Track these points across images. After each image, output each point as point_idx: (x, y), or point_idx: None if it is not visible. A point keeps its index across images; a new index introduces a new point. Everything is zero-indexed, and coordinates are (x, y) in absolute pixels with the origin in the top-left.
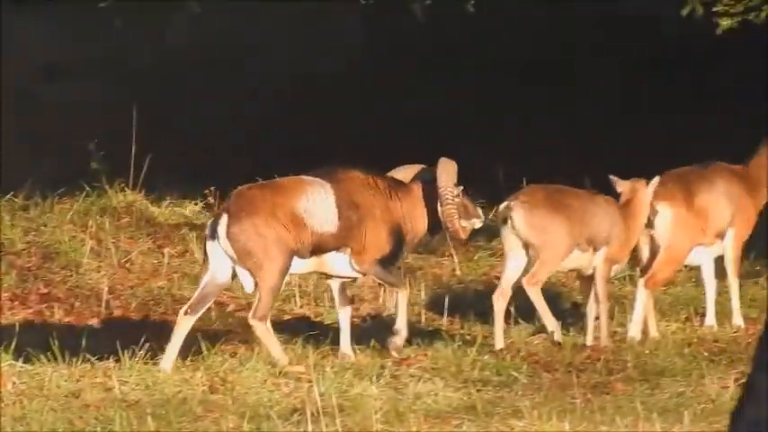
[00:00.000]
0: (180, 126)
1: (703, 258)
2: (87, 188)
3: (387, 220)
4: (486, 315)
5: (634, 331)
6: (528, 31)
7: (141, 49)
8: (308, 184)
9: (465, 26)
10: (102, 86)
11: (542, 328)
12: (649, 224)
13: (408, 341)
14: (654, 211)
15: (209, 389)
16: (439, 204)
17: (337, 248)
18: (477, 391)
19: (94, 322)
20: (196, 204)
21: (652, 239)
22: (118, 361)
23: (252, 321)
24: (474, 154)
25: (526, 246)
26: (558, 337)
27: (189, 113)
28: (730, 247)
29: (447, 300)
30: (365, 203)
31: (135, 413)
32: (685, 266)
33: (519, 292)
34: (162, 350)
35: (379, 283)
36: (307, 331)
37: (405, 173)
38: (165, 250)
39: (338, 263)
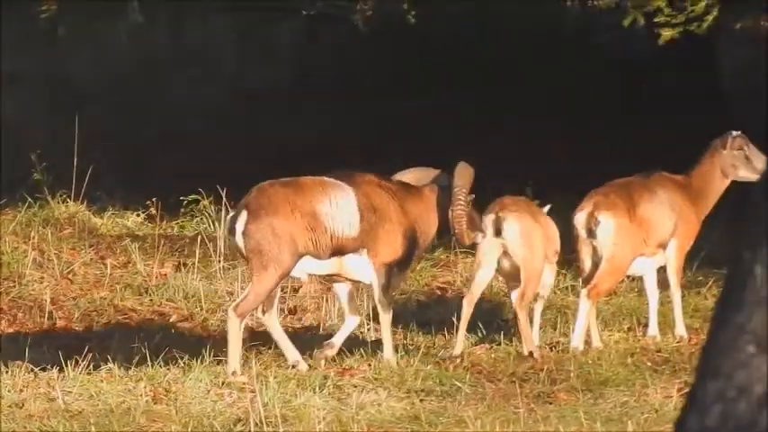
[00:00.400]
0: (122, 137)
1: (646, 268)
2: (30, 199)
3: (401, 225)
4: (428, 325)
5: (577, 341)
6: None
7: (84, 60)
8: (330, 186)
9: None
10: (44, 97)
11: (485, 338)
12: (591, 234)
13: (351, 351)
14: (596, 222)
15: (153, 399)
16: (451, 208)
17: (356, 251)
18: (421, 401)
19: (37, 333)
20: (138, 215)
21: (594, 250)
22: (61, 371)
23: (230, 313)
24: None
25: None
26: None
27: (131, 124)
28: (673, 258)
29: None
30: (382, 207)
31: (78, 423)
32: (628, 277)
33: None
34: (105, 361)
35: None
36: (249, 341)
37: (413, 175)
38: (108, 261)
39: (357, 265)
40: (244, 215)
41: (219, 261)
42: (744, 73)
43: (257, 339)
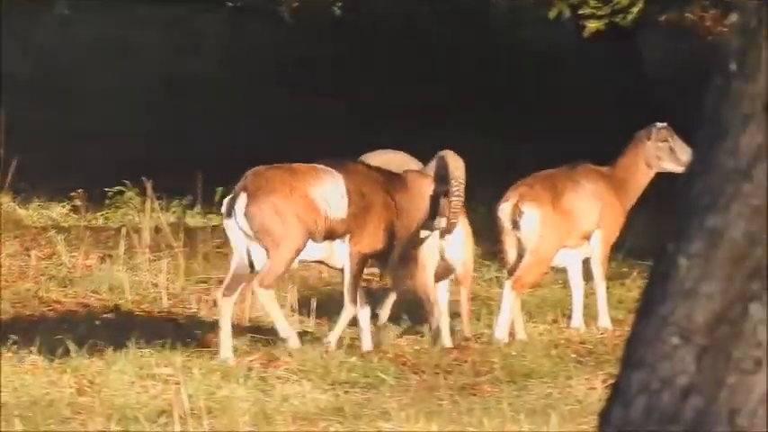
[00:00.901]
0: (47, 128)
1: (570, 260)
2: None
3: (385, 215)
4: (352, 318)
5: (501, 333)
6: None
7: (10, 51)
8: (321, 171)
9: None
10: None
11: (411, 330)
12: (515, 226)
13: (275, 343)
14: (520, 213)
15: (77, 391)
16: (449, 199)
17: (342, 237)
18: (345, 392)
19: None
20: (63, 207)
21: (518, 241)
22: None
23: (257, 288)
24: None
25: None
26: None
27: (57, 116)
28: (597, 249)
29: (314, 302)
30: (369, 195)
31: (2, 416)
32: (552, 268)
33: (382, 292)
34: (29, 353)
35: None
36: (174, 333)
37: (384, 158)
38: (33, 252)
39: (343, 252)
40: (243, 197)
41: (144, 252)
42: (668, 64)
43: (181, 331)
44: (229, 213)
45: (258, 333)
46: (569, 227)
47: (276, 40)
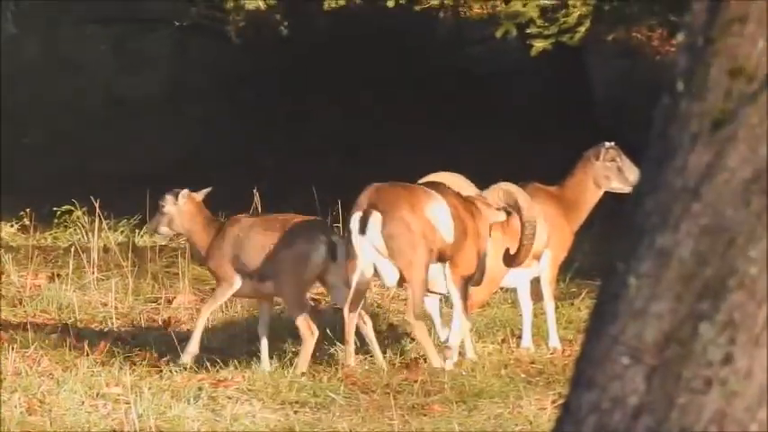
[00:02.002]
0: None
1: (519, 280)
2: None
3: (475, 239)
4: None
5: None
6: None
7: None
8: (431, 193)
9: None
10: None
11: (359, 350)
12: None
13: (225, 363)
14: None
15: (27, 410)
16: (524, 234)
17: (444, 261)
18: (295, 412)
19: None
20: (12, 226)
21: None
22: None
23: (411, 320)
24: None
25: None
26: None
27: (3, 134)
28: (546, 269)
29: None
30: (464, 219)
31: None
32: (501, 288)
33: (331, 312)
34: None
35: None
36: (124, 351)
37: (442, 180)
38: None
39: (438, 276)
40: (378, 216)
41: (93, 272)
42: (614, 84)
43: (131, 350)
44: (362, 231)
45: (208, 352)
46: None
47: (222, 58)
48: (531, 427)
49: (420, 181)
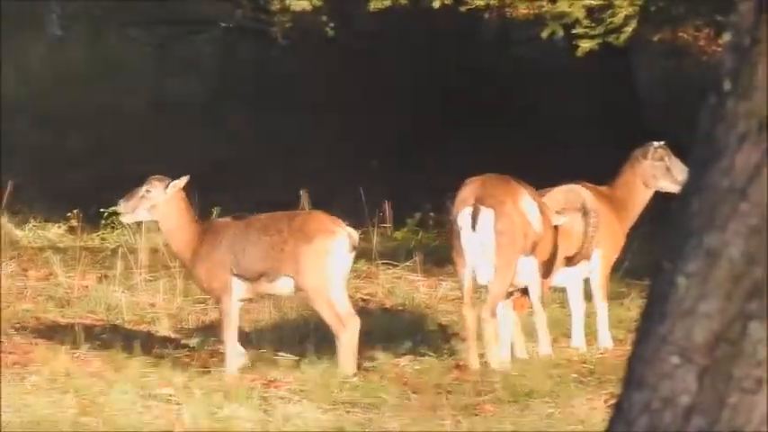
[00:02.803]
0: (43, 149)
1: (570, 280)
2: None
3: (553, 232)
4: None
5: (503, 353)
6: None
7: (3, 73)
8: (521, 186)
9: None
10: None
11: (410, 350)
12: None
13: (276, 363)
14: None
15: (80, 411)
16: (590, 229)
17: (527, 255)
18: (347, 412)
19: None
20: (60, 227)
21: None
22: None
23: (485, 317)
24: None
25: None
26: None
27: (51, 136)
28: (597, 269)
29: (313, 322)
30: (544, 211)
31: None
32: (552, 288)
33: (380, 312)
34: (30, 373)
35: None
36: (173, 353)
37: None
38: (30, 273)
39: (527, 268)
40: (489, 212)
41: (141, 273)
42: (661, 84)
43: (181, 350)
44: (474, 227)
45: (257, 349)
46: (569, 246)
47: (268, 60)
48: (582, 427)
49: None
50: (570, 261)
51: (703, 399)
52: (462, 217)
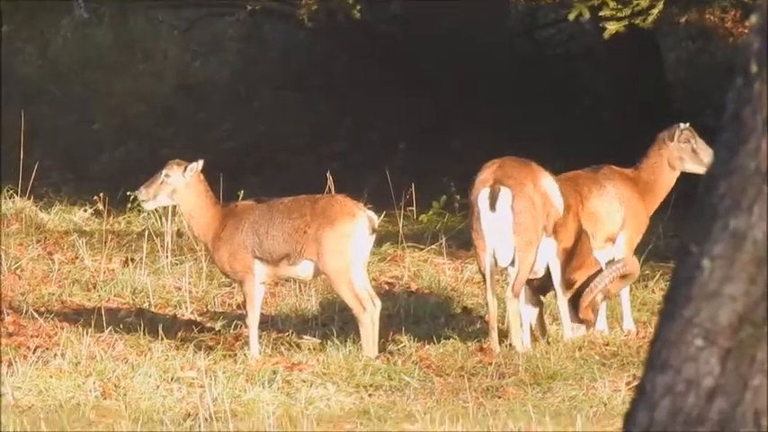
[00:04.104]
0: (68, 132)
1: None
2: None
3: (574, 214)
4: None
5: (524, 336)
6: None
7: (29, 56)
8: (541, 168)
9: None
10: None
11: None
12: None
13: (299, 347)
14: None
15: (102, 394)
16: None
17: (549, 236)
18: (370, 395)
19: None
20: (85, 211)
21: None
22: (10, 367)
23: (509, 297)
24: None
25: None
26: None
27: (77, 119)
28: (622, 251)
29: (337, 305)
30: (566, 194)
31: (28, 419)
32: None
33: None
34: (54, 356)
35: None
36: (198, 336)
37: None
38: (55, 257)
39: (548, 250)
40: (507, 192)
41: (167, 256)
42: (687, 66)
43: (204, 333)
44: (493, 207)
45: (283, 334)
46: (593, 229)
47: (294, 42)
48: (605, 409)
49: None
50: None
51: (726, 381)
52: (481, 198)
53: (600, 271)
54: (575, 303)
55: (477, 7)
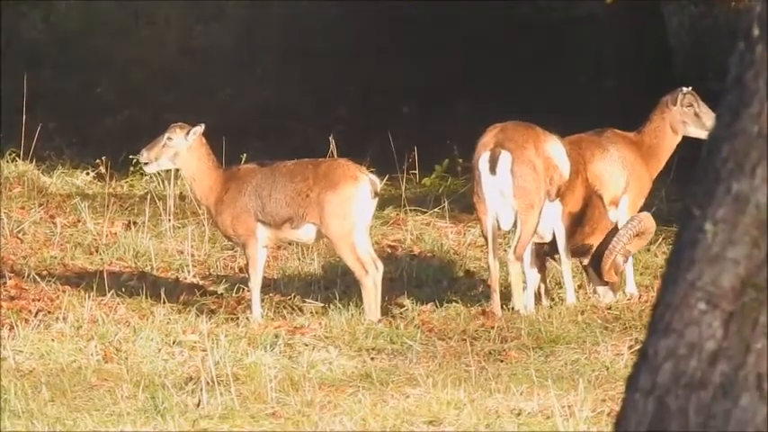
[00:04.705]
0: (71, 96)
1: None
2: None
3: (582, 178)
4: None
5: (527, 299)
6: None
7: (31, 20)
8: (547, 132)
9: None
10: None
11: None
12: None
13: (301, 310)
14: None
15: (104, 358)
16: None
17: (552, 200)
18: (372, 359)
19: None
20: (88, 174)
21: None
22: (11, 330)
23: (511, 259)
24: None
25: None
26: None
27: (80, 83)
28: (624, 215)
29: (340, 269)
30: (575, 158)
31: (29, 382)
32: None
33: (407, 259)
34: (55, 320)
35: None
36: (200, 300)
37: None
38: (58, 220)
39: (552, 214)
40: (507, 155)
41: (169, 220)
42: (690, 30)
43: (206, 297)
44: (493, 170)
45: (285, 298)
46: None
47: (297, 9)
48: (607, 373)
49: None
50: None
51: (729, 344)
52: (482, 161)
53: (615, 231)
54: (596, 268)
55: None
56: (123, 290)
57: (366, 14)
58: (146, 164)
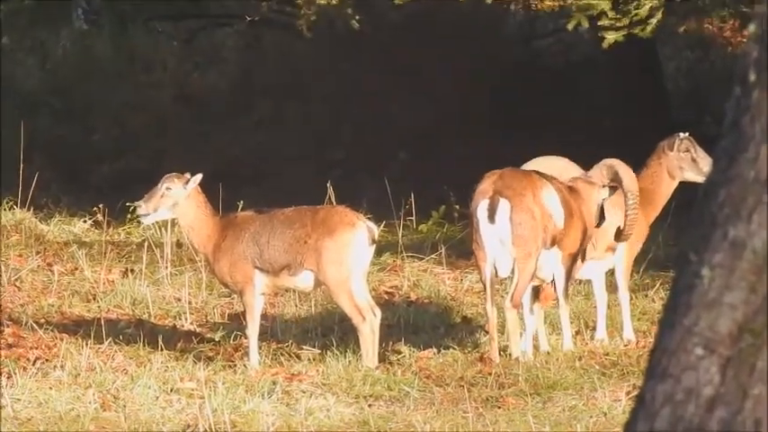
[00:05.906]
0: (68, 143)
1: (594, 272)
2: None
3: (580, 222)
4: None
5: (525, 346)
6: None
7: (28, 67)
8: (544, 180)
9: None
10: None
11: (431, 343)
12: None
13: (299, 357)
14: None
15: (102, 406)
16: (626, 211)
17: (551, 246)
18: (369, 406)
19: None
20: (85, 222)
21: None
22: (10, 378)
23: (508, 306)
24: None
25: None
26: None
27: (76, 130)
28: (621, 261)
29: (337, 315)
30: (569, 203)
31: (28, 431)
32: (576, 280)
33: (405, 305)
34: (53, 368)
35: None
36: (197, 347)
37: (546, 164)
38: (55, 268)
39: (550, 261)
40: (505, 203)
41: (167, 267)
42: (686, 75)
43: (204, 344)
44: (492, 218)
45: (282, 344)
46: (594, 238)
47: (293, 53)
48: (605, 419)
49: (527, 164)
50: (617, 237)
51: (726, 390)
52: (480, 209)
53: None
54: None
55: (476, 17)
56: (121, 337)
57: (361, 59)
58: (144, 216)
